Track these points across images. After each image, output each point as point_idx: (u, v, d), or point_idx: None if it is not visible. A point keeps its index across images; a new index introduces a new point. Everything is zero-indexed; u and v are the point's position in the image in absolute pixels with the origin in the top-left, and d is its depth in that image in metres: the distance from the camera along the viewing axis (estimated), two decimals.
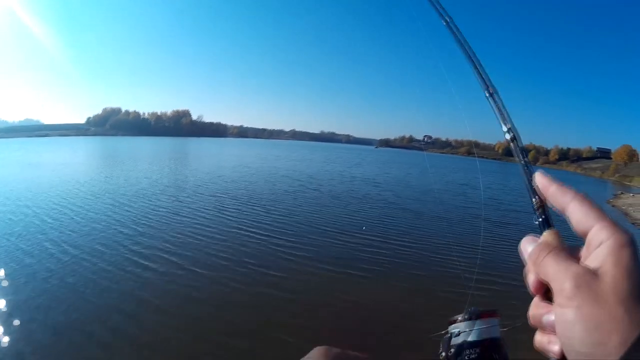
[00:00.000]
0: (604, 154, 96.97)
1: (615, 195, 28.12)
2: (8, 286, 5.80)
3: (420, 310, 5.81)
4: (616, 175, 63.18)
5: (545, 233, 0.39)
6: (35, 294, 5.60)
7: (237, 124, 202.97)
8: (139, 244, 8.00)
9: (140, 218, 10.25)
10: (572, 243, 0.37)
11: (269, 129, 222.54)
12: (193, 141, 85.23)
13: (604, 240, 0.32)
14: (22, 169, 20.76)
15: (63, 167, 22.26)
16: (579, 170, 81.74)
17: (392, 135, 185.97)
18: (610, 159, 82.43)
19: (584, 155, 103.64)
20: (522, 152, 0.46)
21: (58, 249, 7.55)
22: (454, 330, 0.45)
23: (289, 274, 6.82)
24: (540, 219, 0.40)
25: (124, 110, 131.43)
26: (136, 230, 9.04)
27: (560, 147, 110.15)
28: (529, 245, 0.38)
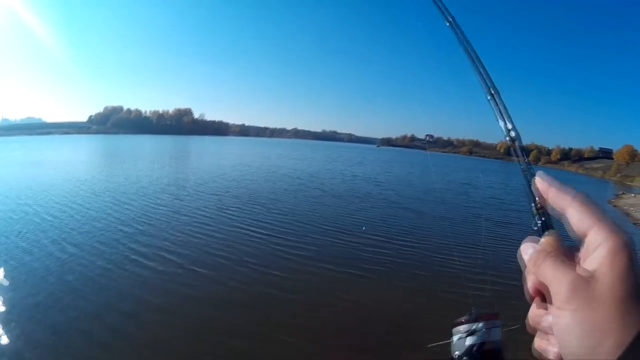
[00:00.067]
0: (606, 154, 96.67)
1: (617, 196, 28.02)
2: (6, 284, 5.80)
3: (421, 310, 5.80)
4: (618, 176, 63.04)
5: (545, 236, 0.39)
6: (34, 292, 5.59)
7: (239, 122, 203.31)
8: (139, 243, 8.00)
9: (140, 216, 10.25)
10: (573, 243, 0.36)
11: (271, 127, 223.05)
12: (194, 140, 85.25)
13: (601, 243, 0.32)
14: (23, 168, 20.79)
15: (64, 166, 22.27)
16: (580, 170, 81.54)
17: (394, 135, 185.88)
18: (612, 159, 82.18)
19: (586, 155, 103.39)
20: (523, 154, 0.46)
21: (57, 247, 7.55)
22: (455, 335, 0.45)
23: (289, 273, 6.80)
24: (540, 222, 0.40)
25: (125, 108, 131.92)
26: (136, 229, 9.04)
27: (562, 147, 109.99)
28: (529, 249, 0.38)
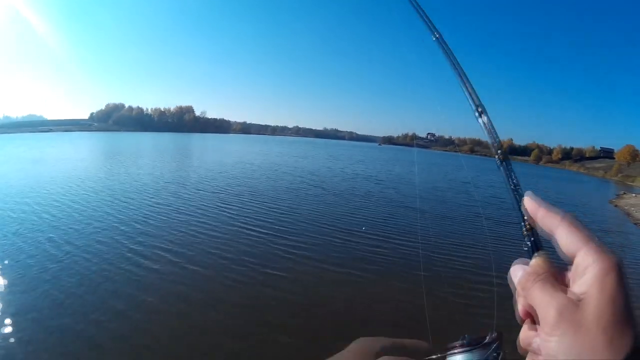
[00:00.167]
0: (607, 154, 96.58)
1: (618, 195, 27.97)
2: (0, 284, 5.77)
3: (422, 310, 5.78)
4: (619, 175, 63.00)
5: (535, 257, 0.39)
6: (29, 290, 5.57)
7: (241, 120, 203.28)
8: (137, 242, 7.98)
9: (138, 215, 10.24)
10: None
11: (272, 125, 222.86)
12: (196, 137, 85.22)
13: (590, 265, 0.32)
14: (24, 165, 20.81)
15: (65, 163, 22.29)
16: (581, 170, 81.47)
17: (395, 133, 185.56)
18: (614, 158, 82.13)
19: (587, 155, 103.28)
20: (512, 174, 0.47)
21: (53, 245, 7.53)
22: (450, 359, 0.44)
23: (288, 272, 6.78)
24: (529, 243, 0.40)
25: (127, 106, 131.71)
26: (134, 227, 9.01)
27: (563, 147, 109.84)
28: (518, 271, 0.38)
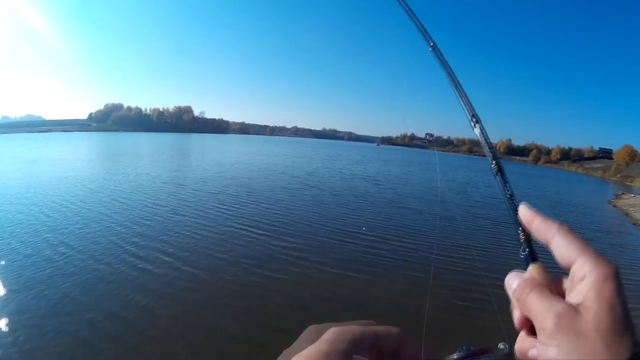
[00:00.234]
0: (606, 154, 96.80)
1: (617, 196, 28.01)
2: None
3: (422, 310, 5.76)
4: (617, 176, 63.10)
5: (530, 267, 0.38)
6: (24, 291, 5.54)
7: (239, 120, 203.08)
8: (133, 243, 7.93)
9: (135, 215, 10.20)
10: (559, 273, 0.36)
11: (271, 125, 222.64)
12: (195, 137, 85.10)
13: (587, 274, 0.32)
14: (22, 165, 20.73)
15: (62, 164, 22.22)
16: (580, 170, 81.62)
17: (394, 133, 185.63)
18: (612, 159, 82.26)
19: (586, 155, 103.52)
20: (507, 185, 0.46)
21: (49, 245, 7.49)
22: None
23: (287, 274, 6.74)
24: (525, 253, 0.40)
25: (125, 106, 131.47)
26: (130, 228, 8.96)
27: (562, 147, 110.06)
28: (514, 281, 0.38)
